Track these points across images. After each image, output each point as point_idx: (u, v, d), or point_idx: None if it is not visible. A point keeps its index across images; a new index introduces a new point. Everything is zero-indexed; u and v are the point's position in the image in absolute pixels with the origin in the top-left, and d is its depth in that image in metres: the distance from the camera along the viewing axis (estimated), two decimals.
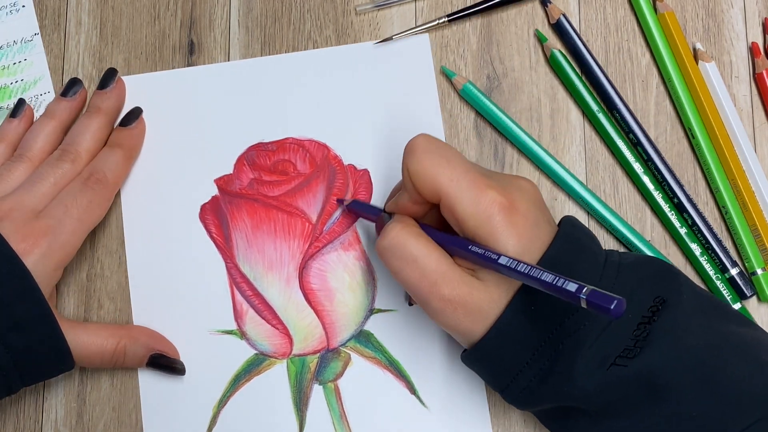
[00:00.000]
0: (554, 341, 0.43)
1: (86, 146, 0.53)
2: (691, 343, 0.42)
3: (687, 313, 0.43)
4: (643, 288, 0.43)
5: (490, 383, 0.47)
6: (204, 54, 0.57)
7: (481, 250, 0.43)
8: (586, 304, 0.37)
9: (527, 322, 0.43)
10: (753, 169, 0.54)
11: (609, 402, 0.42)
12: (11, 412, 0.54)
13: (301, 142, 0.56)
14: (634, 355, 0.42)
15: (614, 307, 0.36)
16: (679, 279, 0.45)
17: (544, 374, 0.43)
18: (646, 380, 0.42)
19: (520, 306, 0.43)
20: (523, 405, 0.46)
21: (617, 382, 0.42)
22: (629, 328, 0.42)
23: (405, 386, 0.53)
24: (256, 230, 0.55)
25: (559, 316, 0.43)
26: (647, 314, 0.43)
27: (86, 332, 0.50)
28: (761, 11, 0.56)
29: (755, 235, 0.53)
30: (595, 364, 0.42)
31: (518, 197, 0.44)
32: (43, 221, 0.49)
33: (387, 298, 0.54)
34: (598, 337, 0.42)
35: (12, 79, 0.57)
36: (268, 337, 0.54)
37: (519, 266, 0.41)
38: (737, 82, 0.55)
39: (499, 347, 0.44)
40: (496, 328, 0.43)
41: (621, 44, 0.56)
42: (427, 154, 0.45)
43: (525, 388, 0.44)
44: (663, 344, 0.42)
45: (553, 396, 0.43)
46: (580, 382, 0.42)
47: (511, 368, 0.44)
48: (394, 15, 0.57)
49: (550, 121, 0.55)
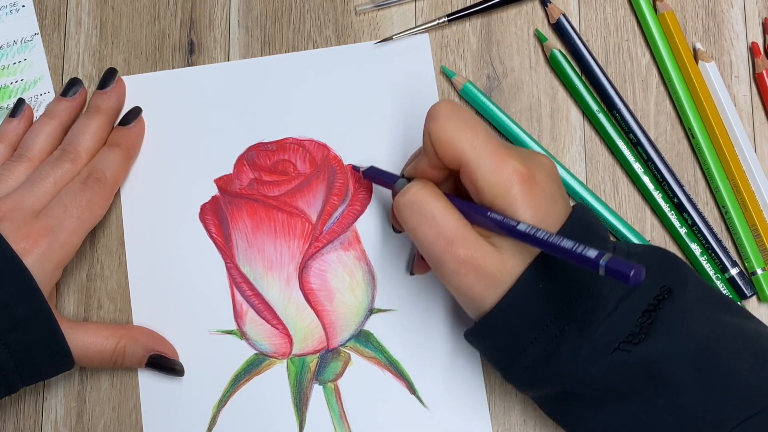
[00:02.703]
0: (561, 322, 0.43)
1: (86, 146, 0.53)
2: (695, 333, 0.42)
3: (692, 303, 0.43)
4: (650, 276, 0.43)
5: (493, 360, 0.46)
6: (204, 54, 0.57)
7: (499, 216, 0.43)
8: (605, 272, 0.36)
9: (535, 300, 0.43)
10: (753, 169, 0.54)
11: (611, 387, 0.43)
12: (11, 412, 0.54)
13: (301, 142, 0.56)
14: (639, 341, 0.42)
15: (633, 274, 0.35)
16: (685, 269, 0.45)
17: (549, 354, 0.43)
18: (649, 367, 0.42)
19: (529, 282, 0.43)
20: (524, 385, 0.46)
21: (620, 368, 0.42)
22: (634, 315, 0.42)
23: (405, 386, 0.53)
24: (256, 230, 0.55)
25: (567, 297, 0.43)
26: (653, 302, 0.43)
27: (86, 332, 0.51)
28: (761, 11, 0.56)
29: (755, 235, 0.53)
30: (599, 347, 0.42)
31: (537, 170, 0.44)
32: (43, 221, 0.49)
33: (387, 298, 0.54)
34: (604, 321, 0.42)
35: (12, 79, 0.57)
36: (268, 337, 0.54)
37: (538, 233, 0.40)
38: (737, 82, 0.55)
39: (507, 322, 0.43)
40: (504, 302, 0.43)
41: (621, 44, 0.56)
42: (450, 120, 0.45)
43: (528, 366, 0.44)
44: (667, 332, 0.42)
45: (556, 377, 0.43)
46: (583, 364, 0.42)
47: (516, 345, 0.44)
48: (394, 15, 0.57)
49: (550, 121, 0.55)
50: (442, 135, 0.44)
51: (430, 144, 0.45)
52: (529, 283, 0.43)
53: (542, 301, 0.43)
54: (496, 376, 0.53)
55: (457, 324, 0.54)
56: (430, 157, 0.46)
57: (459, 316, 0.54)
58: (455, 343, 0.53)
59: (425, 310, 0.54)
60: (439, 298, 0.54)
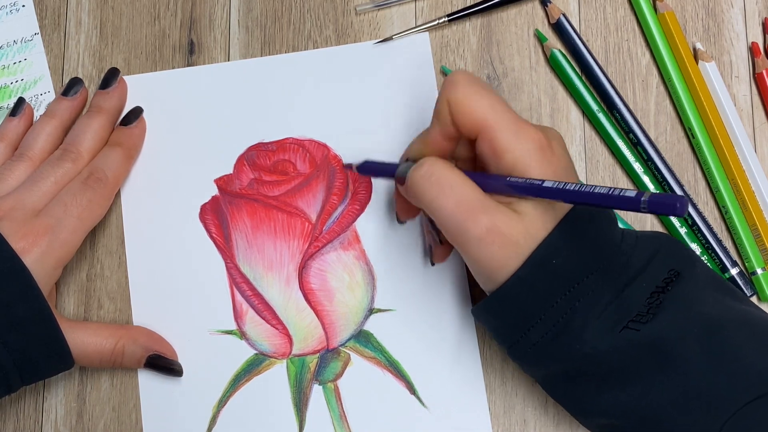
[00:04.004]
0: (571, 299, 0.43)
1: (87, 146, 0.53)
2: (703, 314, 0.43)
3: (699, 287, 0.44)
4: (659, 259, 0.44)
5: (501, 337, 0.46)
6: (204, 54, 0.57)
7: (521, 180, 0.42)
8: (648, 206, 0.36)
9: (547, 276, 0.43)
10: (753, 169, 0.54)
11: (617, 365, 0.43)
12: (11, 412, 0.54)
13: (301, 142, 0.56)
14: (647, 321, 0.42)
15: (679, 205, 0.35)
16: (693, 255, 0.46)
17: (557, 331, 0.43)
18: (656, 347, 0.42)
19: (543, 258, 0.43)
20: (530, 363, 0.46)
21: (628, 346, 0.42)
22: (643, 296, 0.43)
23: (405, 386, 0.53)
24: (256, 230, 0.55)
25: (579, 275, 0.43)
26: (661, 284, 0.43)
27: (85, 332, 0.51)
28: (761, 11, 0.56)
29: (755, 235, 0.53)
30: (608, 325, 0.42)
31: (554, 140, 0.44)
32: (43, 220, 0.49)
33: (387, 298, 0.54)
34: (613, 300, 0.43)
35: (12, 79, 0.57)
36: (268, 337, 0.54)
37: (567, 186, 0.40)
38: (737, 82, 0.55)
39: (518, 296, 0.43)
40: (517, 275, 0.43)
41: (621, 44, 0.56)
42: (469, 86, 0.45)
43: (536, 343, 0.44)
44: (675, 313, 0.42)
45: (563, 355, 0.43)
46: (591, 341, 0.42)
47: (525, 321, 0.44)
48: (394, 15, 0.57)
49: (550, 121, 0.55)
50: (463, 99, 0.44)
51: (447, 111, 0.45)
52: (542, 258, 0.43)
53: (554, 278, 0.43)
54: (496, 377, 0.53)
55: (458, 324, 0.53)
56: (444, 126, 0.45)
57: (459, 316, 0.54)
58: (455, 343, 0.53)
59: (425, 310, 0.54)
60: (439, 297, 0.54)
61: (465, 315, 0.54)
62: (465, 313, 0.54)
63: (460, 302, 0.54)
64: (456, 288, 0.54)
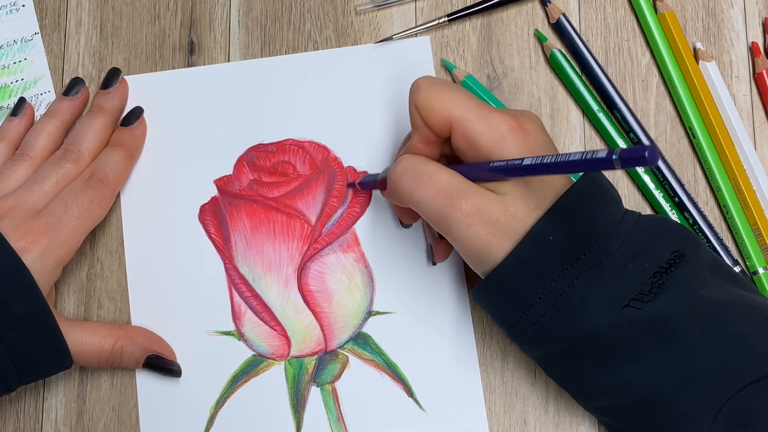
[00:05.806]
0: (570, 276, 0.43)
1: (89, 146, 0.53)
2: (706, 296, 0.43)
3: (703, 270, 0.44)
4: (662, 241, 0.44)
5: (500, 318, 0.46)
6: (204, 54, 0.57)
7: (502, 162, 0.43)
8: (621, 163, 0.36)
9: (545, 254, 0.43)
10: (753, 168, 0.54)
11: (618, 343, 0.43)
12: (11, 412, 0.54)
13: (301, 143, 0.56)
14: (649, 300, 0.42)
15: (648, 153, 0.35)
16: (697, 239, 0.46)
17: (557, 309, 0.43)
18: (658, 326, 0.42)
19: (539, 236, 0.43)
20: (530, 343, 0.45)
21: (629, 324, 0.42)
22: (645, 275, 0.43)
23: (403, 389, 0.53)
24: (255, 231, 0.55)
25: (577, 251, 0.43)
26: (664, 265, 0.43)
27: (84, 331, 0.51)
28: (761, 11, 0.56)
29: (756, 234, 0.53)
30: (609, 302, 0.42)
31: (526, 121, 0.45)
32: (43, 219, 0.49)
33: (385, 301, 0.54)
34: (613, 277, 0.43)
35: (12, 79, 0.58)
36: (266, 339, 0.54)
37: (544, 159, 0.40)
38: (737, 81, 0.55)
39: (516, 276, 0.44)
40: (513, 255, 0.43)
41: (621, 44, 0.56)
42: (432, 86, 0.46)
43: (536, 322, 0.44)
44: (678, 293, 0.42)
45: (563, 333, 0.43)
46: (592, 318, 0.42)
47: (524, 300, 0.44)
48: (394, 15, 0.57)
49: (550, 120, 0.55)
50: (427, 101, 0.45)
51: (417, 116, 0.46)
52: (538, 236, 0.43)
53: (552, 255, 0.43)
54: (496, 376, 0.53)
55: (456, 327, 0.53)
56: (420, 130, 0.46)
57: (458, 320, 0.53)
58: (453, 346, 0.53)
59: (424, 313, 0.54)
60: (438, 300, 0.54)
61: (463, 319, 0.53)
62: (463, 317, 0.53)
63: (458, 306, 0.54)
64: (455, 292, 0.54)
